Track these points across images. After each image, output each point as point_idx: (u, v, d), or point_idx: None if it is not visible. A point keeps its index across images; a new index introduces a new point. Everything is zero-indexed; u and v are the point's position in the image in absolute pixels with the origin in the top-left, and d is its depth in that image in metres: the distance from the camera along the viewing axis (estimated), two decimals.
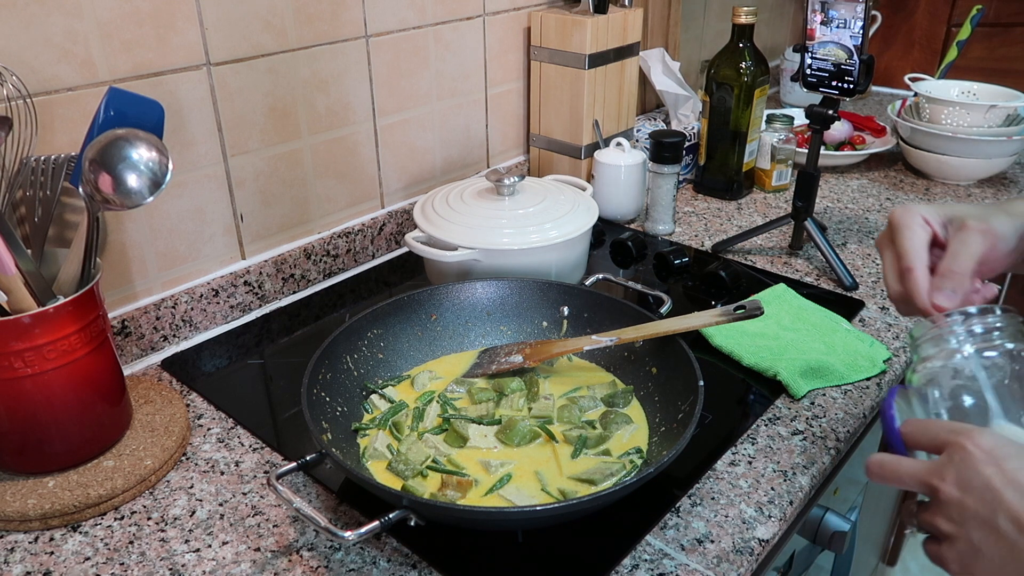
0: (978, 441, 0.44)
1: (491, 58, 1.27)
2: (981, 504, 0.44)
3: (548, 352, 0.87)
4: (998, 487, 0.43)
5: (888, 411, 0.50)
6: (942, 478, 0.45)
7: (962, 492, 0.44)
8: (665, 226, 1.24)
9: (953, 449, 0.45)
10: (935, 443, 0.47)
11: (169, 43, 0.88)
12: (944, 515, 0.45)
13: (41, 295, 0.71)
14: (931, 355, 0.49)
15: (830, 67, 1.04)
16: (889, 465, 0.49)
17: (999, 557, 0.43)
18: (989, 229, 0.59)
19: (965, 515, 0.44)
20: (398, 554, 0.67)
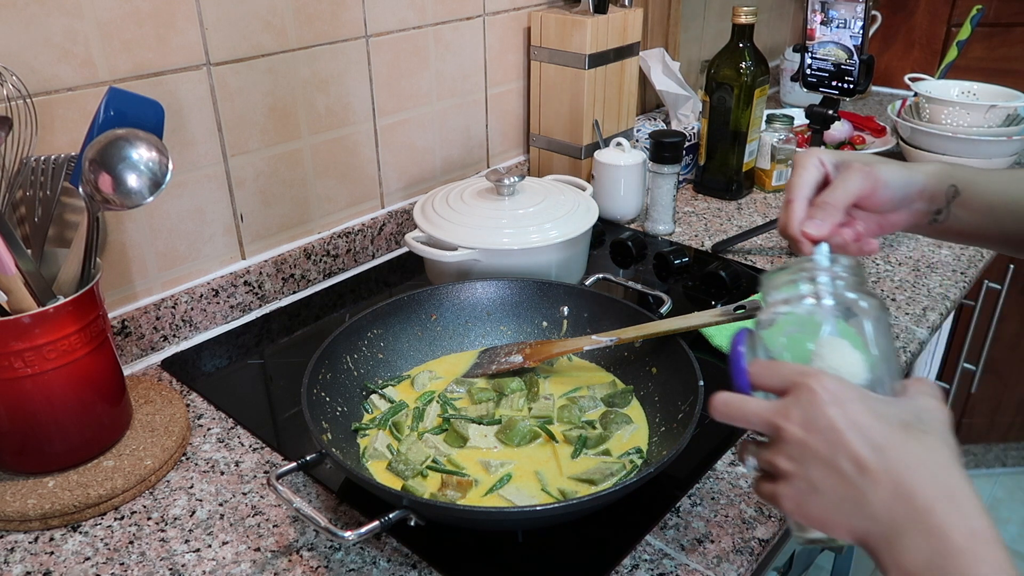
0: (824, 383, 0.45)
1: (491, 58, 1.27)
2: (823, 444, 0.44)
3: (548, 352, 0.87)
4: (841, 428, 0.44)
5: (736, 350, 0.50)
6: (787, 417, 0.46)
7: (805, 432, 0.45)
8: (665, 226, 1.24)
9: (800, 390, 0.46)
10: (783, 384, 0.47)
11: (169, 43, 0.88)
12: (785, 454, 0.46)
13: (41, 295, 0.71)
14: (777, 300, 0.50)
15: (830, 67, 1.04)
16: (735, 404, 0.49)
17: (836, 496, 0.44)
18: (872, 172, 0.62)
19: (806, 454, 0.45)
20: (398, 554, 0.67)
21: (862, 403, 0.45)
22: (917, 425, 0.45)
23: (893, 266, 1.14)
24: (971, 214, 0.67)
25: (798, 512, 0.47)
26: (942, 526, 0.42)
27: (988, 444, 2.29)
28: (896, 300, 1.05)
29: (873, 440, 0.44)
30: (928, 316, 1.01)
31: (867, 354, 0.49)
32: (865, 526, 0.44)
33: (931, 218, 0.67)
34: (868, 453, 0.44)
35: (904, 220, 0.67)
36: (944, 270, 1.13)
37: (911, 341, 0.96)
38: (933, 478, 0.43)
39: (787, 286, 0.50)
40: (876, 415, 0.45)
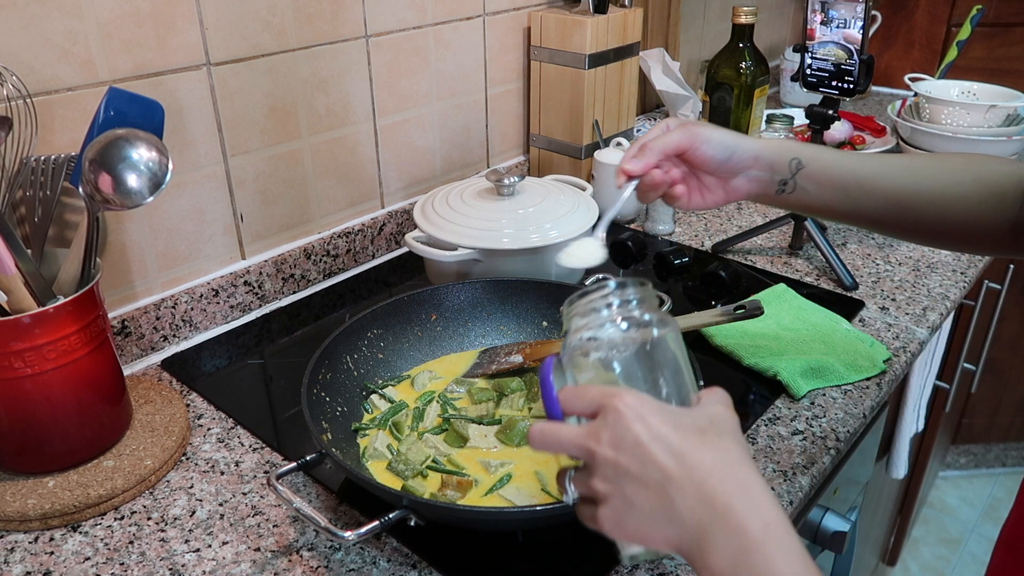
0: (627, 400, 0.46)
1: (491, 58, 1.27)
2: (632, 460, 0.45)
3: (548, 352, 0.86)
4: (645, 441, 0.45)
5: (546, 379, 0.51)
6: (598, 440, 0.47)
7: (616, 451, 0.46)
8: (665, 226, 1.24)
9: (606, 411, 0.47)
10: (590, 407, 0.48)
11: (169, 43, 0.88)
12: (601, 475, 0.47)
13: (41, 295, 0.71)
14: (578, 327, 0.52)
15: (830, 67, 1.04)
16: (549, 432, 0.50)
17: (648, 508, 0.45)
18: (692, 129, 0.70)
19: (619, 472, 0.46)
20: (398, 554, 0.67)
21: (661, 415, 0.46)
22: (711, 429, 0.47)
23: (893, 266, 1.14)
24: (820, 188, 0.72)
25: (618, 530, 0.47)
26: (741, 522, 0.43)
27: (988, 444, 2.29)
28: (896, 300, 1.05)
29: (673, 448, 0.45)
30: (928, 316, 1.01)
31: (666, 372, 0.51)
32: (677, 533, 0.45)
33: (777, 188, 0.73)
34: (671, 461, 0.45)
35: (747, 187, 0.73)
36: (944, 270, 1.13)
37: (911, 341, 0.96)
38: (730, 477, 0.45)
39: (584, 313, 0.52)
40: (674, 425, 0.46)
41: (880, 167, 0.72)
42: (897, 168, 0.72)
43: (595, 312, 0.52)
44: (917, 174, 0.71)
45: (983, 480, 2.32)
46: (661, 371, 0.51)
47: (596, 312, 0.52)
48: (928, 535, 2.16)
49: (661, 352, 0.51)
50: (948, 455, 2.33)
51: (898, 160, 0.73)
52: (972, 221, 0.70)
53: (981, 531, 2.16)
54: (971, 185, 0.70)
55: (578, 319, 0.53)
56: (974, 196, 0.69)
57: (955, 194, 0.70)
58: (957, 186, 0.70)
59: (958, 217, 0.70)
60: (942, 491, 2.30)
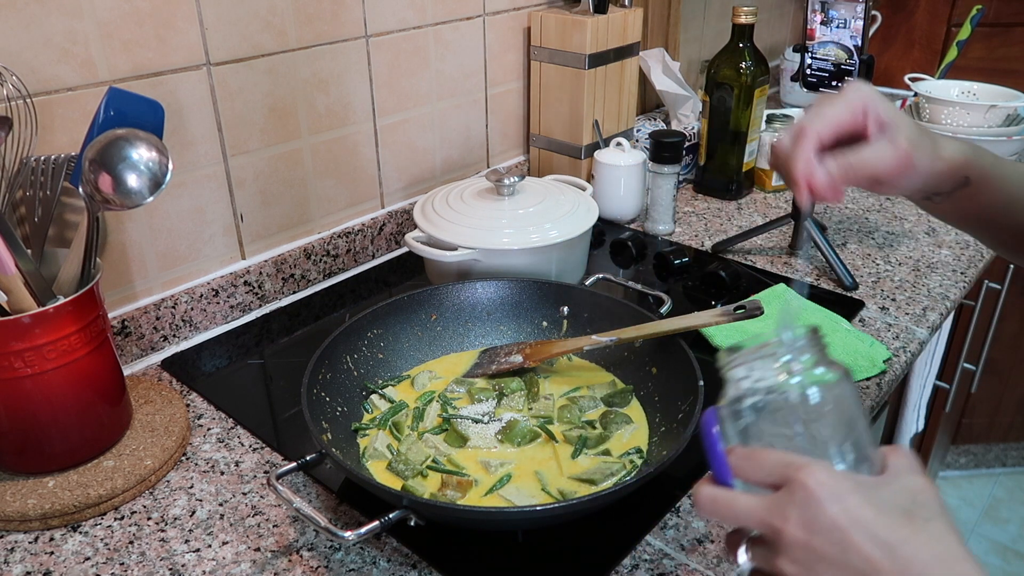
0: (818, 477, 0.42)
1: (491, 58, 1.27)
2: (830, 545, 0.42)
3: (548, 352, 0.87)
4: (845, 527, 0.42)
5: (711, 436, 0.47)
6: (785, 519, 0.43)
7: (808, 533, 0.42)
8: (665, 226, 1.24)
9: (793, 486, 0.43)
10: (769, 478, 0.44)
11: (169, 43, 0.88)
12: (789, 557, 0.43)
13: (41, 295, 0.71)
14: (745, 377, 0.48)
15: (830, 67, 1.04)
16: (723, 501, 0.46)
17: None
18: (909, 159, 0.58)
19: (812, 557, 0.42)
20: (398, 554, 0.67)
21: (859, 494, 0.42)
22: (918, 512, 0.43)
23: (893, 266, 1.14)
24: (972, 205, 0.66)
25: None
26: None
27: (988, 444, 2.29)
28: (896, 300, 1.05)
29: (879, 537, 0.41)
30: (928, 316, 1.01)
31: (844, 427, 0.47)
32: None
33: (927, 196, 0.65)
34: (878, 552, 0.41)
35: (898, 192, 0.64)
36: (944, 270, 1.13)
37: (911, 341, 0.96)
38: (950, 574, 0.41)
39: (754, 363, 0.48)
40: (876, 507, 0.42)
41: None
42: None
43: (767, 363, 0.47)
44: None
45: (983, 480, 2.32)
46: (842, 431, 0.46)
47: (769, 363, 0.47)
48: None
49: (842, 409, 0.47)
50: (948, 455, 2.33)
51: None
52: None
53: (981, 531, 2.16)
54: None
55: (745, 369, 0.48)
56: None
57: None
58: None
59: None
60: (942, 491, 2.30)
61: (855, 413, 0.47)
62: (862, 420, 0.47)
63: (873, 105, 0.58)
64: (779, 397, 0.46)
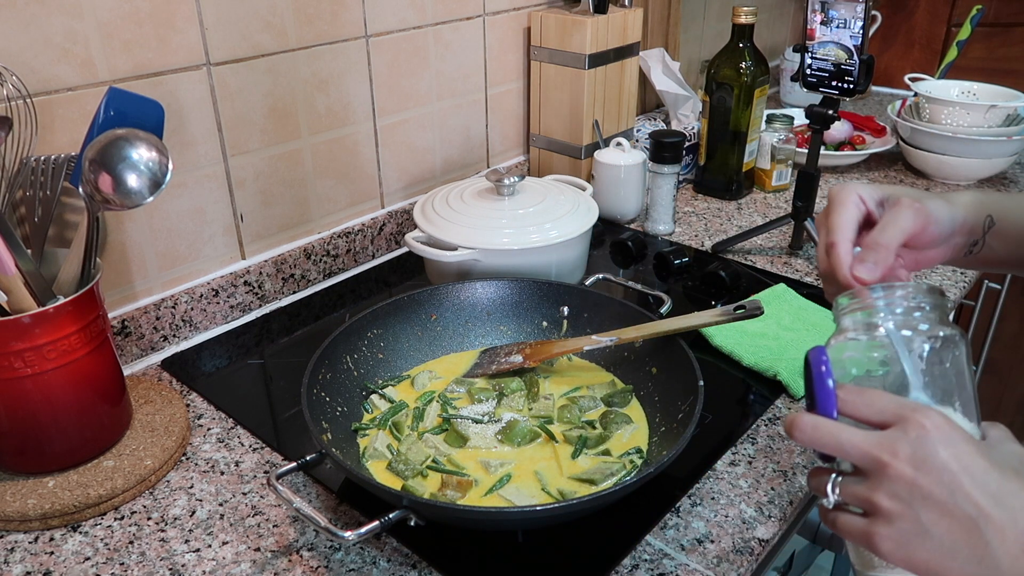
0: (934, 419, 0.43)
1: (491, 58, 1.27)
2: (938, 486, 0.42)
3: (548, 352, 0.87)
4: (956, 470, 0.42)
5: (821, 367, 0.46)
6: (894, 453, 0.43)
7: (916, 471, 0.42)
8: (665, 226, 1.24)
9: (908, 425, 0.43)
10: (881, 416, 0.44)
11: (169, 43, 0.88)
12: (889, 492, 0.43)
13: (41, 295, 0.71)
14: (850, 327, 0.48)
15: (830, 67, 1.04)
16: (827, 429, 0.45)
17: (950, 543, 0.42)
18: (923, 208, 0.58)
19: (916, 495, 0.42)
20: (398, 554, 0.67)
21: (972, 445, 0.43)
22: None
23: None
24: (1004, 243, 0.65)
25: (899, 554, 0.44)
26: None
27: None
28: None
29: (990, 487, 0.42)
30: None
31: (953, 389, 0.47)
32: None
33: (967, 250, 0.65)
34: (988, 501, 0.42)
35: (942, 255, 0.64)
36: (944, 270, 1.13)
37: None
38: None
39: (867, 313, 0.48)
40: (989, 460, 0.43)
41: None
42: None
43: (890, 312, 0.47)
44: None
45: None
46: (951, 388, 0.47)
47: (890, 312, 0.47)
48: None
49: (956, 369, 0.47)
50: None
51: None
52: None
53: None
54: None
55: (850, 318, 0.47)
56: None
57: None
58: None
59: None
60: None
61: (967, 376, 0.47)
62: (972, 385, 0.47)
63: (866, 192, 0.60)
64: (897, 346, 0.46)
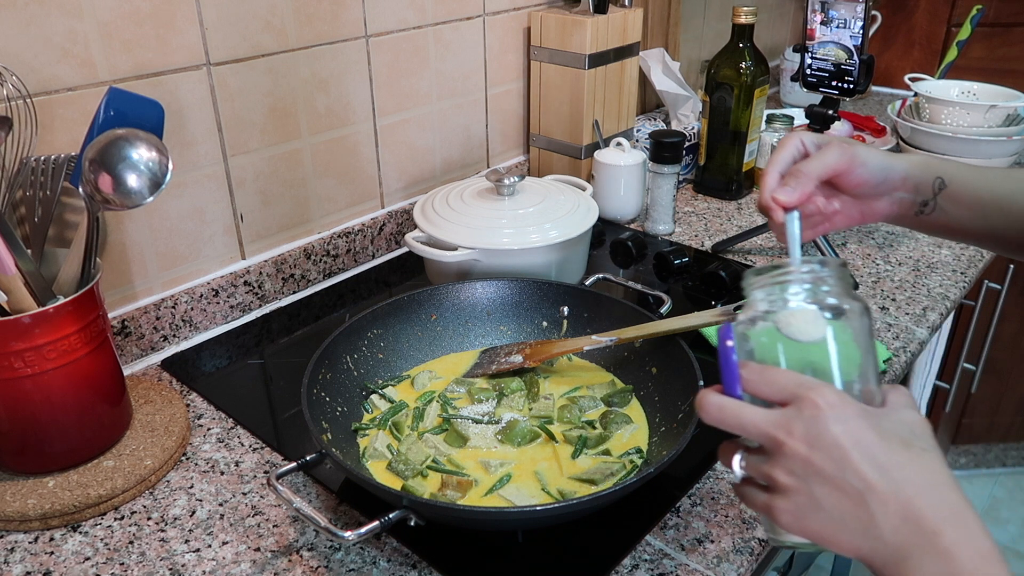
0: (827, 397, 0.45)
1: (491, 58, 1.27)
2: (828, 462, 0.44)
3: (548, 352, 0.87)
4: (846, 446, 0.44)
5: (727, 349, 0.48)
6: (790, 432, 0.45)
7: (809, 448, 0.44)
8: (665, 226, 1.24)
9: (802, 403, 0.45)
10: (780, 394, 0.46)
11: (169, 43, 0.88)
12: (785, 468, 0.46)
13: (41, 295, 0.71)
14: (762, 299, 0.49)
15: (830, 67, 1.04)
16: (730, 409, 0.48)
17: (839, 514, 0.44)
18: (849, 149, 0.63)
19: (809, 471, 0.45)
20: (398, 554, 0.67)
21: (863, 419, 0.45)
22: (916, 442, 0.45)
23: (893, 266, 1.14)
24: (959, 208, 0.68)
25: (796, 526, 0.46)
26: (950, 549, 0.42)
27: (988, 444, 2.29)
28: (896, 300, 1.05)
29: (877, 460, 0.44)
30: (928, 316, 1.01)
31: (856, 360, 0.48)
32: (871, 546, 0.44)
33: (917, 209, 0.68)
34: (874, 473, 0.44)
35: (888, 209, 0.67)
36: (944, 270, 1.13)
37: (911, 341, 0.96)
38: (940, 499, 0.43)
39: (774, 287, 0.49)
40: (877, 433, 0.45)
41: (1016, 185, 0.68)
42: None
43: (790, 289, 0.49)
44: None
45: (983, 480, 2.32)
46: (853, 361, 0.48)
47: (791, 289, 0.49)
48: None
49: (856, 340, 0.48)
50: (948, 455, 2.33)
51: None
52: None
53: None
54: None
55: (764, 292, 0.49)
56: None
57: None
58: None
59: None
60: None
61: (867, 348, 0.48)
62: (872, 355, 0.49)
63: (807, 138, 0.65)
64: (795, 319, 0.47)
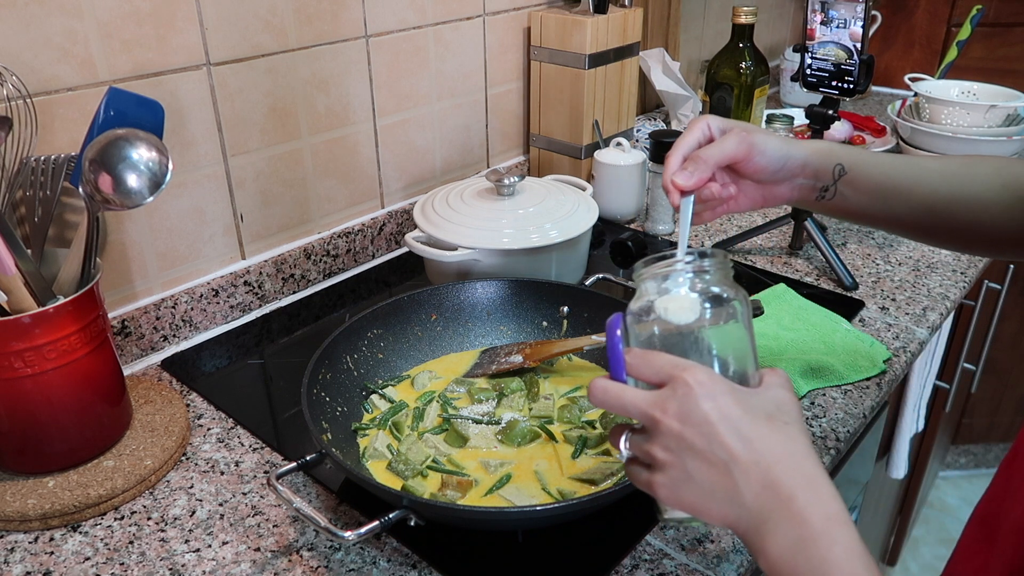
0: (698, 376, 0.48)
1: (491, 58, 1.27)
2: (698, 436, 0.47)
3: (548, 352, 0.87)
4: (714, 421, 0.47)
5: (613, 337, 0.52)
6: (664, 410, 0.48)
7: (681, 424, 0.47)
8: (665, 226, 1.24)
9: (676, 383, 0.48)
10: (658, 376, 0.49)
11: (169, 43, 0.88)
12: (662, 444, 0.48)
13: (41, 295, 0.71)
14: (651, 290, 0.53)
15: (830, 67, 1.04)
16: (613, 392, 0.51)
17: (709, 485, 0.47)
18: (748, 137, 0.67)
19: (682, 446, 0.48)
20: (398, 554, 0.67)
21: (731, 396, 0.48)
22: (779, 416, 0.48)
23: (893, 266, 1.14)
24: (859, 194, 0.71)
25: (672, 498, 0.49)
26: (802, 512, 0.45)
27: (988, 444, 2.29)
28: (896, 300, 1.05)
29: (742, 432, 0.47)
30: (928, 316, 1.01)
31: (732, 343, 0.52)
32: (736, 513, 0.47)
33: (818, 194, 0.72)
34: (738, 445, 0.47)
35: (789, 194, 0.71)
36: (944, 270, 1.13)
37: (911, 341, 0.96)
38: (795, 467, 0.46)
39: (660, 278, 0.53)
40: (744, 408, 0.48)
41: (916, 173, 0.71)
42: (932, 174, 0.71)
43: (672, 279, 0.52)
44: (950, 179, 0.71)
45: (983, 480, 2.31)
46: (729, 345, 0.51)
47: (673, 279, 0.52)
48: (928, 535, 2.16)
49: (732, 327, 0.51)
50: (948, 455, 2.33)
51: (933, 164, 0.73)
52: (999, 226, 0.70)
53: None
54: (999, 191, 0.70)
55: (652, 283, 0.53)
56: (1002, 201, 0.69)
57: (985, 199, 0.70)
58: (986, 191, 0.70)
59: (985, 222, 0.70)
60: (942, 491, 2.30)
61: (744, 334, 0.52)
62: (750, 342, 0.52)
63: (714, 122, 0.69)
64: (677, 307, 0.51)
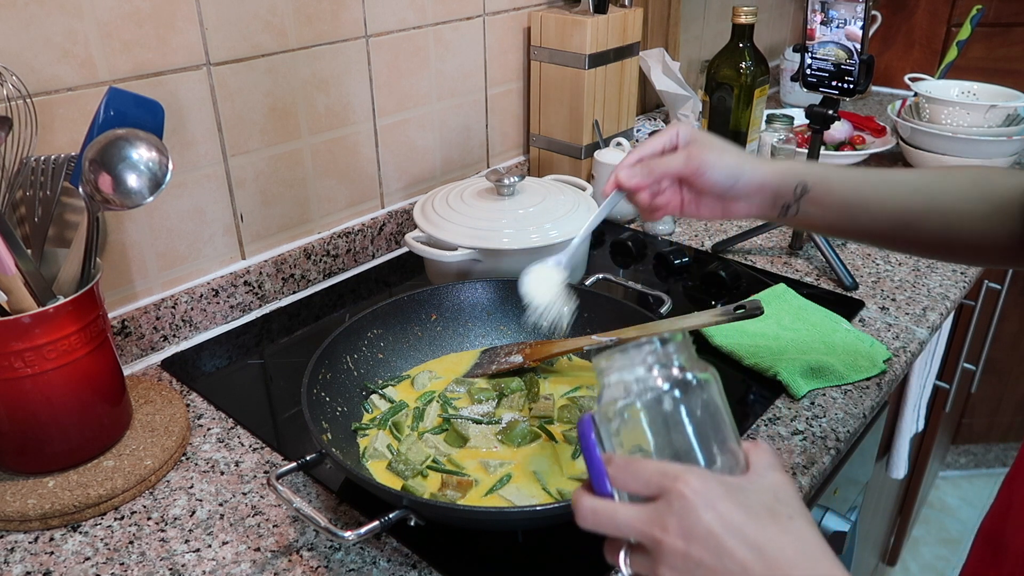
0: (692, 484, 0.44)
1: (491, 58, 1.27)
2: (706, 552, 0.44)
3: (548, 352, 0.87)
4: (719, 533, 0.43)
5: (589, 444, 0.47)
6: (664, 528, 0.44)
7: (686, 542, 0.44)
8: (665, 226, 1.24)
9: (671, 497, 0.44)
10: (648, 488, 0.46)
11: (169, 43, 0.88)
12: (668, 565, 0.45)
13: (41, 295, 0.71)
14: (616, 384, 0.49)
15: (830, 67, 1.04)
16: (604, 514, 0.47)
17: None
18: (700, 155, 0.69)
19: (690, 564, 0.44)
20: (398, 554, 0.67)
21: (730, 500, 0.45)
22: (781, 510, 0.45)
23: (893, 266, 1.14)
24: (824, 210, 0.72)
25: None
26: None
27: (988, 444, 2.29)
28: (896, 300, 1.05)
29: (750, 539, 0.44)
30: (928, 316, 1.01)
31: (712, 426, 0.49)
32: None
33: (780, 211, 0.73)
34: (749, 555, 0.43)
35: (747, 210, 0.73)
36: (944, 270, 1.13)
37: (911, 341, 0.96)
38: (811, 570, 0.44)
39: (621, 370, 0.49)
40: (745, 510, 0.44)
41: (885, 187, 0.71)
42: (902, 187, 0.71)
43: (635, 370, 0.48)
44: (923, 192, 0.71)
45: (983, 480, 2.32)
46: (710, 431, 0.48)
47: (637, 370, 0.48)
48: (928, 535, 2.16)
49: (708, 410, 0.48)
50: (948, 455, 2.33)
51: (903, 178, 0.72)
52: (978, 235, 0.70)
53: None
54: (977, 201, 0.69)
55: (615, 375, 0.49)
56: (980, 211, 0.69)
57: (961, 210, 0.70)
58: (963, 202, 0.70)
59: (963, 232, 0.70)
60: (942, 491, 2.30)
61: (722, 413, 0.49)
62: (728, 418, 0.49)
63: (685, 132, 0.71)
64: (650, 402, 0.47)
